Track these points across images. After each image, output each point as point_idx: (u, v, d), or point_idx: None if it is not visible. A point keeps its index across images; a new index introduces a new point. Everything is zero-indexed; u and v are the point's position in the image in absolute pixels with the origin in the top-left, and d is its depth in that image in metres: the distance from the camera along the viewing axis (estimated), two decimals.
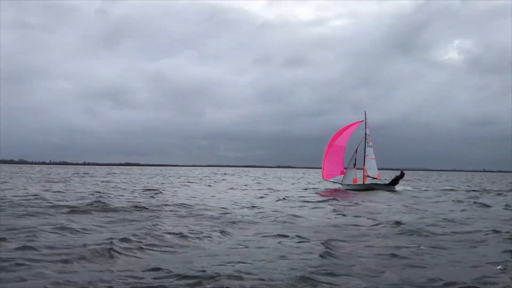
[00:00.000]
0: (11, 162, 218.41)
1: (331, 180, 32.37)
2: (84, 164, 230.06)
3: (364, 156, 31.64)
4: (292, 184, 41.60)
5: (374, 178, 32.00)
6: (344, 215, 15.03)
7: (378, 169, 32.68)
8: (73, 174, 60.00)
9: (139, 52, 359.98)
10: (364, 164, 31.56)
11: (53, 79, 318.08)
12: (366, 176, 31.60)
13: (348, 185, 30.99)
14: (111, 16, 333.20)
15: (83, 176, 50.72)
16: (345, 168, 31.41)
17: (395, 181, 31.12)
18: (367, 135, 32.10)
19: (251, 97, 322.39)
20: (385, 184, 31.20)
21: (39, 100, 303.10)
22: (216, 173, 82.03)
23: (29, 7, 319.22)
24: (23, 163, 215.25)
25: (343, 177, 31.28)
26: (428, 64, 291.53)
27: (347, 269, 7.22)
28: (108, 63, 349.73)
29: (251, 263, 7.49)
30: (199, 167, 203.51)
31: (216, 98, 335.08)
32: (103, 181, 38.55)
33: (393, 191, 29.74)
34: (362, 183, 31.25)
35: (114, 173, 71.87)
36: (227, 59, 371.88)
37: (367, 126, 32.24)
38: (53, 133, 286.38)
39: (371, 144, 32.34)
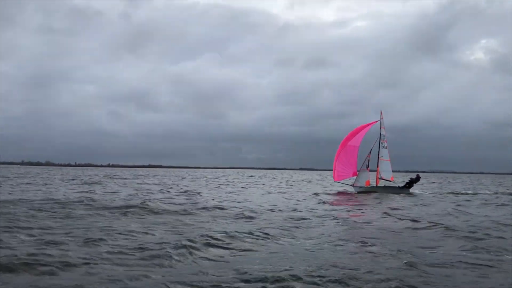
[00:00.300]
0: (37, 164, 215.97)
1: (342, 182, 31.96)
2: (109, 166, 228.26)
3: (378, 158, 31.38)
4: (325, 187, 40.60)
5: (388, 180, 31.73)
6: (400, 219, 14.50)
7: (401, 171, 32.46)
8: (104, 176, 59.17)
9: (163, 55, 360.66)
10: (377, 166, 31.30)
11: (78, 83, 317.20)
12: (379, 178, 31.34)
13: (360, 187, 30.69)
14: (135, 20, 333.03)
15: (114, 178, 50.33)
16: (358, 170, 31.11)
17: (410, 184, 30.91)
18: (382, 136, 31.85)
19: (273, 99, 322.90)
20: (399, 187, 30.97)
21: (64, 103, 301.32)
22: (242, 175, 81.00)
23: (55, 12, 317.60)
24: (50, 165, 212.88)
25: (356, 179, 30.97)
26: (454, 65, 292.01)
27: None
28: (132, 66, 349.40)
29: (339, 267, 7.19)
30: (222, 169, 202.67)
31: (238, 100, 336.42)
32: (138, 183, 38.27)
33: (408, 194, 29.52)
34: (375, 185, 31.00)
35: (141, 175, 71.43)
36: (249, 62, 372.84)
37: (382, 126, 31.99)
38: (79, 136, 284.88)
39: (386, 145, 32.07)
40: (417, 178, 31.27)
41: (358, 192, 30.24)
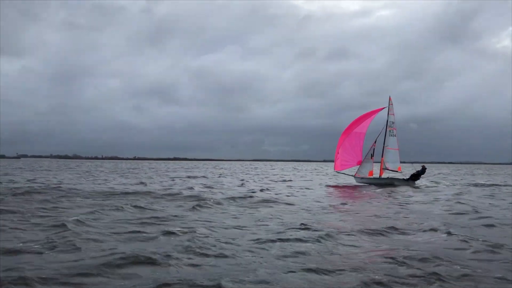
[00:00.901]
0: (66, 157, 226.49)
1: (343, 171, 29.21)
2: (134, 158, 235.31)
3: (384, 147, 28.33)
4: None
5: (394, 171, 28.70)
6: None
7: (427, 162, 29.30)
8: (150, 168, 60.57)
9: (184, 50, 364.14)
10: (382, 156, 28.28)
11: (102, 78, 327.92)
12: (383, 169, 28.35)
13: (362, 178, 27.96)
14: (156, 15, 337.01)
15: (169, 172, 50.67)
16: (362, 160, 28.28)
17: (415, 176, 27.85)
18: (390, 123, 28.70)
19: (294, 91, 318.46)
20: (404, 179, 27.94)
21: (89, 98, 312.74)
22: (274, 168, 78.71)
23: (78, 9, 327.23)
24: (77, 158, 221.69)
25: (358, 168, 28.21)
26: (479, 54, 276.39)
27: None
28: (154, 61, 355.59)
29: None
30: (245, 162, 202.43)
31: (260, 93, 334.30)
32: (189, 176, 38.88)
33: (414, 187, 26.52)
34: (378, 176, 28.08)
35: (180, 167, 72.77)
36: (270, 54, 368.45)
37: (391, 113, 28.81)
38: (103, 129, 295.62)
39: (394, 133, 28.95)
40: (423, 170, 28.11)
41: (360, 183, 27.65)
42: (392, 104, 29.04)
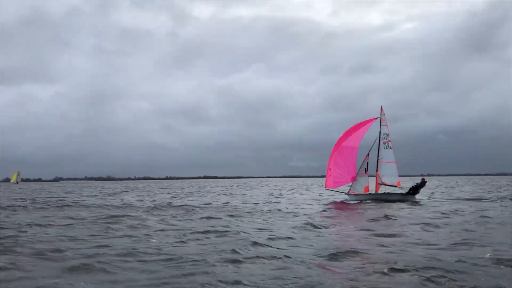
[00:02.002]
0: (100, 179, 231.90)
1: (335, 189, 27.49)
2: (166, 178, 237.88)
3: (378, 160, 26.59)
4: None
5: (393, 186, 26.80)
6: None
7: (461, 175, 27.57)
8: (198, 188, 60.68)
9: (210, 70, 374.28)
10: (377, 170, 26.51)
11: (131, 100, 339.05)
12: (379, 184, 26.50)
13: (357, 195, 26.16)
14: (182, 37, 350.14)
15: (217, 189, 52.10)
16: (356, 175, 26.58)
17: (414, 190, 25.87)
18: (384, 135, 27.04)
19: (320, 107, 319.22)
20: (402, 194, 25.96)
21: (120, 120, 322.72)
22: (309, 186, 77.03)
23: (106, 35, 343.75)
24: (111, 180, 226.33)
25: (351, 185, 26.49)
26: (507, 63, 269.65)
27: None
28: (181, 81, 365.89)
29: None
30: (274, 178, 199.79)
31: (286, 109, 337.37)
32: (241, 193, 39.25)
33: (412, 201, 24.60)
34: (374, 192, 26.26)
35: (220, 186, 73.06)
36: (294, 71, 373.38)
37: (384, 124, 27.18)
38: (134, 150, 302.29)
39: (390, 146, 27.19)
40: (423, 183, 26.12)
41: (354, 200, 25.85)
42: (384, 114, 27.50)
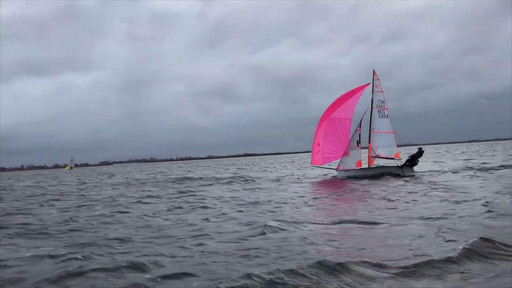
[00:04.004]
0: (144, 161, 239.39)
1: (323, 166, 25.03)
2: (208, 157, 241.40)
3: (370, 130, 23.81)
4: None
5: (390, 158, 23.96)
6: None
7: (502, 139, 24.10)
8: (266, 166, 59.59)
9: (241, 48, 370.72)
10: (369, 141, 23.76)
11: (167, 83, 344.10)
12: (373, 157, 23.77)
13: (347, 170, 23.63)
14: (211, 18, 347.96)
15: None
16: (347, 148, 23.98)
17: (411, 161, 22.93)
18: (377, 102, 24.16)
19: (354, 78, 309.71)
20: (398, 166, 23.06)
21: (157, 103, 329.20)
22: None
23: (138, 21, 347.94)
24: (154, 161, 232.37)
25: (341, 160, 23.95)
26: None
27: None
28: (214, 62, 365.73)
29: None
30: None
31: (320, 82, 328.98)
32: None
33: (409, 175, 21.81)
34: (367, 167, 23.62)
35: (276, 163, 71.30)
36: (326, 43, 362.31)
37: (377, 90, 24.26)
38: (174, 132, 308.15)
39: (386, 114, 24.28)
40: (419, 153, 23.09)
41: (345, 177, 23.40)
42: (378, 79, 24.52)
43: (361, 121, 23.91)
